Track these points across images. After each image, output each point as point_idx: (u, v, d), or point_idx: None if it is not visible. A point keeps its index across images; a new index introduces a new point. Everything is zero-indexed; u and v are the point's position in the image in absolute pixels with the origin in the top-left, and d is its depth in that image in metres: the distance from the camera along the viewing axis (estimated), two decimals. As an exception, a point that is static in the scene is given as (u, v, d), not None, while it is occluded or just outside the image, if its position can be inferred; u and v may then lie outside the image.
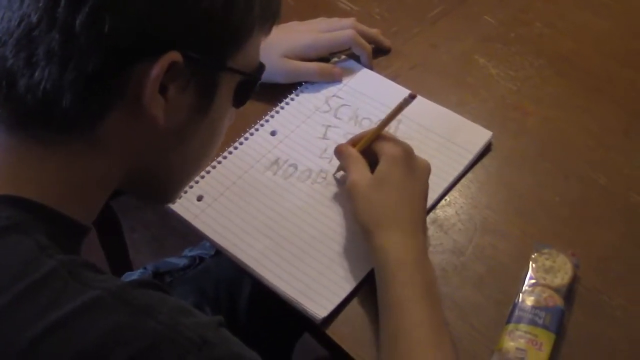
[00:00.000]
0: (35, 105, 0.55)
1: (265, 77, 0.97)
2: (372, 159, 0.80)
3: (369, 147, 0.82)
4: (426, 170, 0.80)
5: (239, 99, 0.68)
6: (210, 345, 0.52)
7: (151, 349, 0.50)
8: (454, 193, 0.87)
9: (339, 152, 0.84)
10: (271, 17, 0.65)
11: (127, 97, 0.57)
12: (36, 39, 0.54)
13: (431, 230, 0.83)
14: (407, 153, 0.79)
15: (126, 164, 0.62)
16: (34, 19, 0.53)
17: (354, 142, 0.84)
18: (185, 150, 0.66)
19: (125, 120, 0.58)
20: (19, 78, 0.55)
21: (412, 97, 0.80)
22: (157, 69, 0.55)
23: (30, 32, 0.54)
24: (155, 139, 0.62)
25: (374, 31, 1.03)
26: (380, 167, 0.78)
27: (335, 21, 1.02)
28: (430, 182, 0.80)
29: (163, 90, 0.58)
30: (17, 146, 0.58)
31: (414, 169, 0.79)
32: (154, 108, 0.58)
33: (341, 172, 0.87)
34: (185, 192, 0.88)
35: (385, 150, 0.79)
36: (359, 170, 0.79)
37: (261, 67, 0.68)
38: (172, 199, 0.76)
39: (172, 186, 0.72)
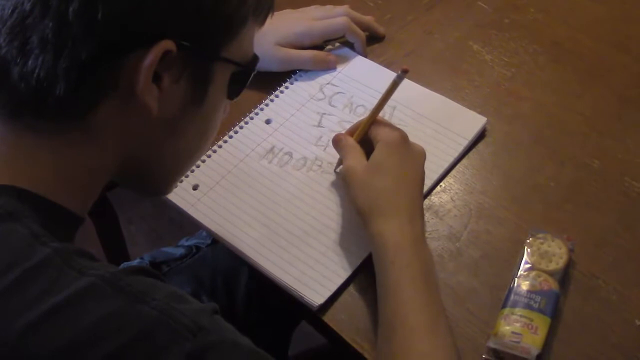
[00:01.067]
0: (28, 94, 0.55)
1: (260, 65, 0.97)
2: (368, 148, 0.80)
3: (365, 135, 0.82)
4: (421, 155, 0.80)
5: (233, 91, 0.68)
6: (204, 332, 0.52)
7: (145, 334, 0.50)
8: (449, 179, 0.87)
9: (336, 141, 0.84)
10: (265, 8, 0.65)
11: (120, 86, 0.57)
12: (30, 27, 0.54)
13: (427, 217, 0.83)
14: (403, 139, 0.79)
15: (120, 154, 0.62)
16: (27, 6, 0.53)
17: (351, 132, 0.84)
18: (179, 142, 0.66)
19: (118, 109, 0.58)
20: (13, 66, 0.55)
21: (404, 72, 0.79)
22: (151, 58, 0.55)
23: (24, 20, 0.54)
24: (149, 129, 0.62)
25: (367, 18, 1.03)
26: (376, 153, 0.78)
27: (329, 9, 1.01)
28: (425, 168, 0.80)
29: (157, 79, 0.58)
30: (10, 135, 0.58)
31: (410, 155, 0.79)
32: (148, 97, 0.58)
33: (341, 167, 0.87)
34: (181, 181, 0.88)
35: (381, 136, 0.79)
36: (356, 157, 0.79)
37: (255, 59, 0.68)
38: (166, 191, 0.76)
39: (166, 178, 0.72)
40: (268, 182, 0.88)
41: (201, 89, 0.63)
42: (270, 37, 0.96)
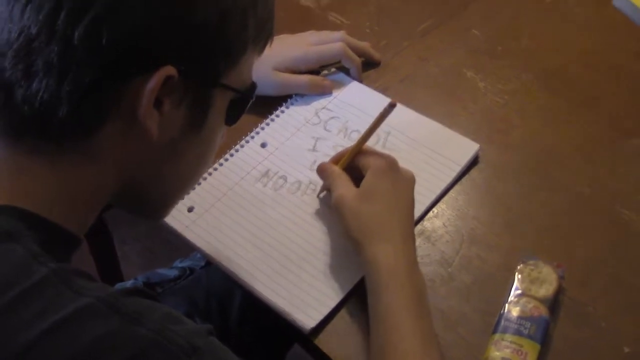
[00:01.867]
0: (31, 116, 0.56)
1: (257, 89, 0.98)
2: (355, 175, 0.81)
3: (352, 163, 0.83)
4: (411, 180, 0.81)
5: (231, 117, 0.69)
6: (199, 353, 0.52)
7: (140, 355, 0.51)
8: (441, 205, 0.88)
9: (321, 170, 0.85)
10: (265, 36, 0.67)
11: (122, 110, 0.58)
12: (35, 50, 0.55)
13: (419, 242, 0.84)
14: (392, 165, 0.80)
15: (119, 177, 0.63)
16: (34, 30, 0.54)
17: (336, 159, 0.85)
18: (178, 166, 0.67)
19: (119, 132, 0.59)
20: (17, 89, 0.56)
21: (391, 106, 0.81)
22: (153, 83, 0.56)
23: (30, 43, 0.55)
24: (149, 153, 0.63)
25: (363, 44, 1.05)
26: (366, 180, 0.79)
27: (326, 34, 1.03)
28: (417, 194, 0.81)
29: (158, 104, 0.59)
30: (12, 156, 0.59)
31: (399, 180, 0.80)
32: (149, 121, 0.59)
33: (325, 192, 0.88)
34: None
35: (370, 163, 0.80)
36: (344, 184, 0.80)
37: (253, 86, 0.70)
38: (163, 215, 0.76)
39: (164, 201, 0.73)
40: (262, 206, 0.88)
41: (201, 114, 0.64)
42: (267, 62, 0.97)
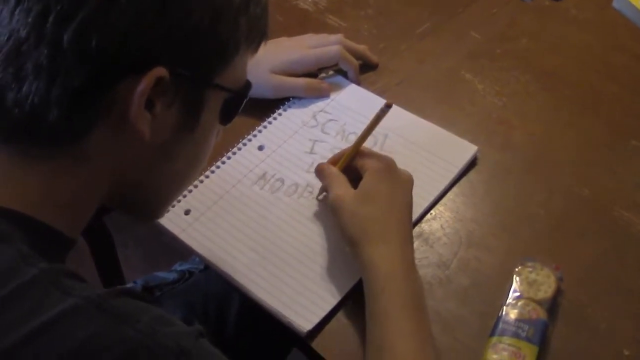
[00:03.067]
0: (22, 119, 0.56)
1: (254, 92, 0.97)
2: (353, 176, 0.81)
3: (350, 165, 0.82)
4: (409, 182, 0.81)
5: (226, 117, 0.68)
6: (188, 355, 0.52)
7: (128, 357, 0.51)
8: (439, 207, 0.87)
9: (319, 171, 0.85)
10: (258, 36, 0.66)
11: (113, 113, 0.58)
12: (24, 53, 0.55)
13: (416, 244, 0.84)
14: (390, 166, 0.80)
15: (112, 179, 0.63)
16: (23, 34, 0.54)
17: (334, 161, 0.85)
18: (171, 167, 0.67)
19: (111, 135, 0.59)
20: (7, 92, 0.56)
21: (387, 107, 0.81)
22: (143, 85, 0.56)
23: (19, 47, 0.55)
24: (141, 154, 0.62)
25: (361, 47, 1.04)
26: (365, 182, 0.79)
27: (323, 37, 1.03)
28: (415, 196, 0.81)
29: (150, 106, 0.58)
30: (2, 159, 0.59)
31: (398, 182, 0.79)
32: (140, 123, 0.58)
33: (324, 194, 0.87)
34: (173, 206, 0.88)
35: (368, 165, 0.80)
36: (342, 185, 0.80)
37: (248, 85, 0.69)
38: (158, 216, 0.76)
39: (158, 202, 0.72)
40: (259, 208, 0.88)
41: (193, 115, 0.63)
42: (265, 65, 0.97)
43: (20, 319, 0.51)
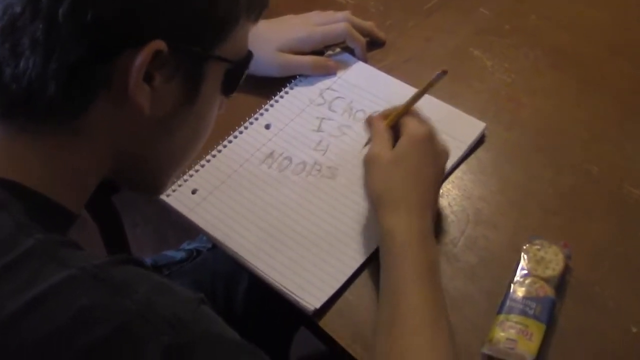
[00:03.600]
0: (20, 95, 0.56)
1: (260, 70, 0.97)
2: (398, 135, 0.81)
3: (397, 123, 0.82)
4: (445, 155, 0.81)
5: (228, 88, 0.68)
6: (184, 324, 0.52)
7: (123, 328, 0.50)
8: (447, 185, 0.87)
9: (368, 122, 0.84)
10: (259, 6, 0.66)
11: (112, 87, 0.57)
12: (20, 29, 0.54)
13: (424, 222, 0.84)
14: (429, 135, 0.80)
15: (113, 153, 0.63)
16: (18, 9, 0.54)
17: (385, 115, 0.84)
18: (173, 140, 0.67)
19: (111, 109, 0.59)
20: (5, 68, 0.56)
21: (444, 73, 0.81)
22: (141, 58, 0.56)
23: (15, 22, 0.55)
24: (142, 128, 0.62)
25: (368, 24, 1.03)
26: (400, 145, 0.79)
27: (330, 14, 1.02)
28: None
29: (149, 79, 0.58)
30: (2, 135, 0.59)
31: (433, 153, 0.80)
32: (139, 97, 0.58)
33: (368, 145, 0.86)
34: (180, 185, 0.88)
35: (409, 128, 0.80)
36: (382, 144, 0.80)
37: (249, 55, 0.69)
38: (161, 189, 0.76)
39: (161, 175, 0.72)
40: (267, 187, 0.88)
41: (194, 87, 0.63)
42: (271, 43, 0.97)
43: (15, 291, 0.51)
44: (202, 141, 0.72)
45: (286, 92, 0.98)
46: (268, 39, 0.96)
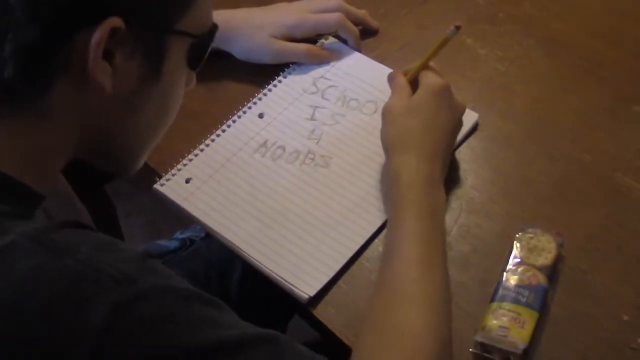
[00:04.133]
0: None
1: (253, 56, 0.98)
2: (416, 89, 0.84)
3: (416, 79, 0.85)
4: (461, 109, 0.84)
5: (194, 62, 0.67)
6: (131, 280, 0.52)
7: (71, 287, 0.50)
8: (440, 174, 0.87)
9: (390, 77, 0.87)
10: None
11: (72, 67, 0.57)
12: None
13: (417, 211, 0.84)
14: (445, 88, 0.82)
15: (80, 134, 0.62)
16: None
17: (405, 71, 0.86)
18: (139, 117, 0.66)
19: (72, 90, 0.58)
20: None
21: (457, 28, 0.83)
22: (97, 36, 0.55)
23: None
24: (106, 107, 0.62)
25: (361, 12, 1.03)
26: (416, 95, 0.82)
27: (322, 2, 1.01)
28: None
29: (109, 57, 0.57)
30: None
31: (447, 104, 0.82)
32: (100, 75, 0.57)
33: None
34: (174, 174, 0.88)
35: (426, 80, 0.82)
36: (400, 96, 0.83)
37: (214, 28, 0.67)
38: (132, 168, 0.74)
39: (131, 154, 0.71)
40: (261, 176, 0.88)
41: (156, 63, 0.62)
42: (264, 29, 0.97)
43: None
44: (170, 118, 0.70)
45: (279, 81, 0.98)
46: (260, 25, 0.96)
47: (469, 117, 0.91)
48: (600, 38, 1.01)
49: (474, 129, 0.91)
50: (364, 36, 1.02)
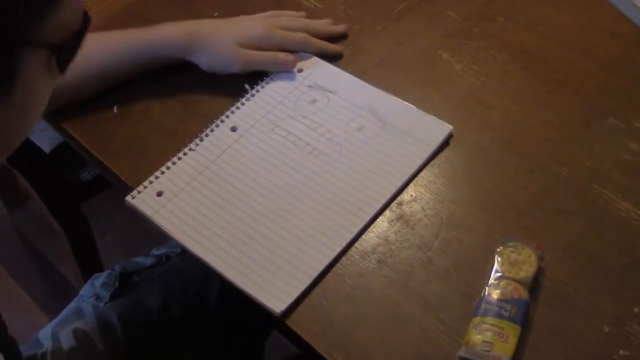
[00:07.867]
0: None
1: (222, 68, 0.98)
2: None
3: None
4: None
5: (60, 66, 0.61)
6: None
7: None
8: (419, 188, 0.87)
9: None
10: None
11: None
12: None
13: (397, 226, 0.83)
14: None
15: None
16: None
17: None
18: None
19: None
20: None
21: None
22: None
23: None
24: None
25: (324, 26, 1.03)
26: None
27: (286, 20, 1.02)
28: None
29: None
30: None
31: None
32: None
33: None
34: (146, 187, 0.88)
35: None
36: None
37: (82, 31, 0.61)
38: None
39: None
40: (232, 189, 0.87)
41: (5, 78, 0.56)
42: (231, 38, 0.97)
43: None
44: (35, 119, 0.64)
45: (252, 95, 0.97)
46: (227, 35, 0.96)
47: (443, 129, 0.91)
48: (573, 51, 1.02)
49: (447, 142, 0.91)
50: (337, 43, 1.03)
